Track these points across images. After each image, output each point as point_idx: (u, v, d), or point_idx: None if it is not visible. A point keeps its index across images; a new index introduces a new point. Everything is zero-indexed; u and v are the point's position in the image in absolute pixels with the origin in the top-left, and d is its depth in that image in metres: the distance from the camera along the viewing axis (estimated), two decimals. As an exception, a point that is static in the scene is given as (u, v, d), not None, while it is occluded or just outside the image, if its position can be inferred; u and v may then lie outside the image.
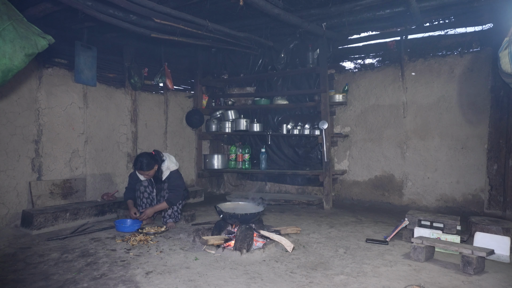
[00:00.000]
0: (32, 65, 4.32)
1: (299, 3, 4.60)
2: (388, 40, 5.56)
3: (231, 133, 6.42)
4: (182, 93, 6.50)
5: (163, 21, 4.13)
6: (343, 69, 5.94)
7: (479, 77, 4.90)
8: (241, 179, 6.89)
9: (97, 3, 3.75)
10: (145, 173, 4.14)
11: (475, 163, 4.94)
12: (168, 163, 4.27)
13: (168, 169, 4.27)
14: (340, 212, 5.16)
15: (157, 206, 4.17)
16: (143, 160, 4.08)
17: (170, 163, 4.29)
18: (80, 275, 2.75)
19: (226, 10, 4.70)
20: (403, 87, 5.44)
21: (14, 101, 4.19)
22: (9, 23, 2.67)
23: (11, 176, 4.18)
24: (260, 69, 6.49)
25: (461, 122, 5.03)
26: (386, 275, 2.82)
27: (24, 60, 2.76)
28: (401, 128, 5.47)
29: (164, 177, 4.27)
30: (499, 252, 3.17)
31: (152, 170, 4.13)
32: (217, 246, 3.36)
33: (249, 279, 2.72)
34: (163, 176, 4.26)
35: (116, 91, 5.39)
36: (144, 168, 4.06)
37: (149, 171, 4.11)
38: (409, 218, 3.78)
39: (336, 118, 6.00)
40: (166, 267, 2.95)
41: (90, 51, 4.90)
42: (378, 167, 5.68)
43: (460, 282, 2.71)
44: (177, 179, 4.29)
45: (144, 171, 4.09)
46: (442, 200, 5.18)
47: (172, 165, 4.30)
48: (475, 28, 4.99)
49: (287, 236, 3.75)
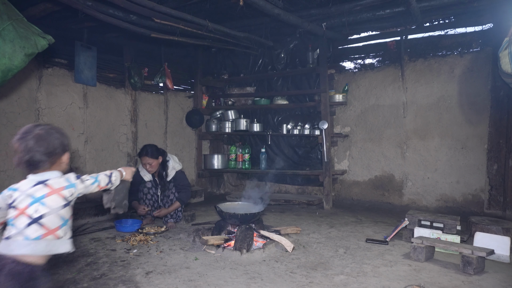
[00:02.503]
0: (32, 65, 4.32)
1: (299, 3, 4.60)
2: (388, 40, 5.55)
3: (231, 133, 6.42)
4: (182, 93, 6.50)
5: (163, 21, 4.14)
6: (343, 69, 5.94)
7: (479, 77, 4.90)
8: (241, 179, 6.89)
9: (97, 3, 3.75)
10: (148, 162, 4.06)
11: (475, 163, 4.93)
12: (173, 163, 4.30)
13: (173, 169, 4.29)
14: (340, 212, 5.16)
15: (171, 207, 4.19)
16: (149, 148, 4.07)
17: (174, 163, 4.32)
18: (80, 275, 2.75)
19: (226, 10, 4.70)
20: (403, 87, 5.44)
21: (14, 101, 4.19)
22: (9, 23, 2.67)
23: (11, 176, 4.18)
24: (260, 69, 6.49)
25: (461, 122, 5.03)
26: (386, 275, 2.81)
27: (24, 60, 2.77)
28: (401, 128, 5.47)
29: (170, 176, 4.28)
30: (499, 252, 3.17)
31: (156, 160, 4.10)
32: (217, 246, 3.36)
33: (249, 279, 2.72)
34: (169, 176, 4.27)
35: (116, 91, 5.39)
36: (149, 154, 4.03)
37: (153, 161, 4.07)
38: (409, 218, 3.78)
39: (336, 118, 6.00)
40: (166, 267, 2.95)
41: (90, 51, 4.90)
42: (378, 167, 5.67)
43: (460, 282, 2.71)
44: (184, 179, 4.34)
45: (149, 158, 4.04)
46: (442, 200, 5.18)
47: (177, 165, 4.33)
48: (475, 28, 4.99)
49: (287, 236, 3.75)
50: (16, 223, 1.64)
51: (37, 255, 1.64)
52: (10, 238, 1.63)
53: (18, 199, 1.67)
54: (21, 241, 1.62)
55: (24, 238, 1.62)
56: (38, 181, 1.71)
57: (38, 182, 1.71)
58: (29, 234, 1.62)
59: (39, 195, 1.68)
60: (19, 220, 1.64)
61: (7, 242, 1.62)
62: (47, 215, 1.67)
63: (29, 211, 1.65)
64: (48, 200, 1.69)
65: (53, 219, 1.68)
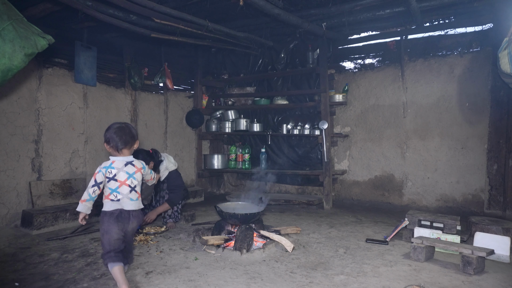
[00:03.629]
0: (32, 65, 4.32)
1: (299, 3, 4.60)
2: (388, 40, 5.55)
3: (231, 133, 6.42)
4: (182, 93, 6.50)
5: (163, 21, 4.14)
6: (343, 69, 5.94)
7: (479, 77, 4.90)
8: (241, 179, 6.89)
9: (97, 3, 3.75)
10: None
11: (475, 163, 4.94)
12: (166, 164, 4.24)
13: (166, 169, 4.24)
14: (340, 212, 5.16)
15: (159, 208, 4.16)
16: (139, 155, 4.05)
17: (168, 163, 4.26)
18: (80, 275, 2.75)
19: (226, 10, 4.70)
20: (403, 87, 5.44)
21: (14, 101, 4.19)
22: (9, 23, 2.67)
23: (11, 176, 4.18)
24: (260, 69, 6.49)
25: (461, 122, 5.03)
26: (386, 275, 2.81)
27: (24, 60, 2.77)
28: (401, 128, 5.47)
29: (163, 177, 4.26)
30: (499, 252, 3.17)
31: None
32: (217, 246, 3.36)
33: (249, 279, 2.72)
34: (161, 177, 4.25)
35: (116, 91, 5.40)
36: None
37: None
38: (409, 218, 3.78)
39: (336, 118, 6.00)
40: (166, 267, 2.95)
41: (90, 51, 4.90)
42: (378, 167, 5.68)
43: (460, 282, 2.71)
44: (176, 179, 4.27)
45: None
46: (442, 200, 5.18)
47: (170, 165, 4.27)
48: (475, 28, 4.99)
49: (287, 236, 3.75)
50: (121, 191, 2.55)
51: (138, 208, 2.63)
52: (120, 200, 2.55)
53: (118, 174, 2.56)
54: (129, 202, 2.57)
55: (130, 199, 2.58)
56: (127, 162, 2.63)
57: (127, 163, 2.62)
58: (131, 196, 2.59)
59: (131, 172, 2.61)
60: (123, 188, 2.56)
61: (120, 203, 2.55)
62: (137, 185, 2.62)
63: (128, 182, 2.58)
64: (136, 175, 2.63)
65: (139, 187, 2.64)
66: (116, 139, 2.56)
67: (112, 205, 2.54)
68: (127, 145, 2.60)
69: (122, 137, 2.57)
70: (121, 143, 2.57)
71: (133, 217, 2.59)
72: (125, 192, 2.55)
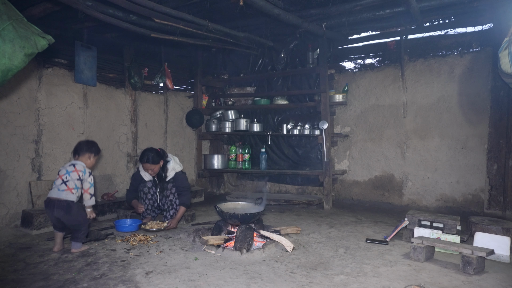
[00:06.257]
0: (32, 65, 4.32)
1: (299, 3, 4.60)
2: (388, 40, 5.56)
3: (231, 133, 6.42)
4: (182, 93, 6.50)
5: (163, 21, 4.13)
6: (343, 69, 5.94)
7: (479, 77, 4.90)
8: (241, 179, 6.89)
9: (97, 3, 3.75)
10: (150, 167, 4.11)
11: (475, 163, 4.94)
12: (173, 164, 4.29)
13: (173, 169, 4.28)
14: (340, 212, 5.16)
15: (178, 215, 4.19)
16: (150, 154, 4.09)
17: (175, 164, 4.31)
18: (80, 275, 2.75)
19: (226, 10, 4.70)
20: (403, 87, 5.44)
21: (14, 101, 4.19)
22: (9, 23, 2.67)
23: (11, 176, 4.18)
24: (260, 69, 6.49)
25: (461, 122, 5.03)
26: (386, 275, 2.81)
27: (24, 60, 2.76)
28: (401, 128, 5.47)
29: (169, 177, 4.28)
30: (499, 252, 3.17)
31: (157, 165, 4.13)
32: (217, 246, 3.36)
33: (249, 279, 2.72)
34: (168, 176, 4.27)
35: (116, 91, 5.39)
36: (150, 161, 4.06)
37: (154, 166, 4.11)
38: (409, 218, 3.78)
39: (336, 118, 6.00)
40: (166, 267, 2.95)
41: (90, 51, 4.90)
42: (378, 167, 5.68)
43: (460, 282, 2.71)
44: (184, 181, 4.32)
45: (150, 165, 4.08)
46: (442, 200, 5.18)
47: (177, 166, 4.32)
48: (475, 28, 4.99)
49: (287, 236, 3.75)
50: (56, 182, 3.28)
51: (65, 199, 3.20)
52: (51, 190, 3.28)
53: (60, 171, 3.31)
54: (56, 191, 3.23)
55: (58, 189, 3.23)
56: (72, 163, 3.34)
57: (71, 164, 3.34)
58: (60, 187, 3.23)
59: (70, 170, 3.29)
60: (57, 181, 3.27)
61: (50, 192, 3.26)
62: (70, 181, 3.26)
63: (63, 177, 3.26)
64: (72, 174, 3.28)
65: (71, 183, 3.26)
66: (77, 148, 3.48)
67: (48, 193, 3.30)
68: (76, 154, 3.44)
69: (76, 147, 3.46)
70: (73, 152, 3.49)
71: (57, 207, 3.17)
72: (58, 184, 3.24)
